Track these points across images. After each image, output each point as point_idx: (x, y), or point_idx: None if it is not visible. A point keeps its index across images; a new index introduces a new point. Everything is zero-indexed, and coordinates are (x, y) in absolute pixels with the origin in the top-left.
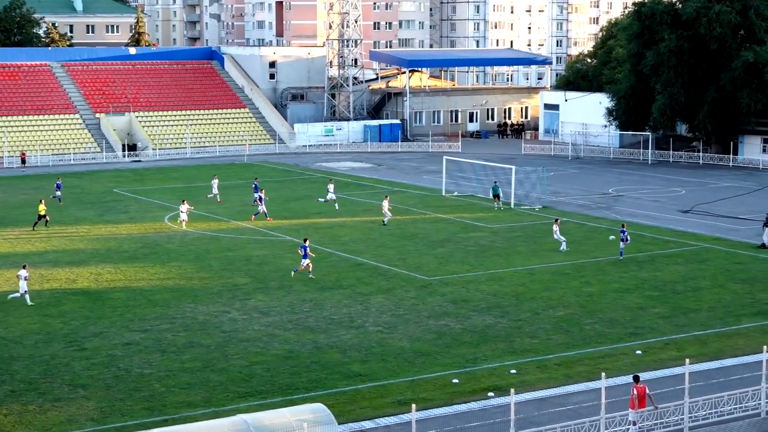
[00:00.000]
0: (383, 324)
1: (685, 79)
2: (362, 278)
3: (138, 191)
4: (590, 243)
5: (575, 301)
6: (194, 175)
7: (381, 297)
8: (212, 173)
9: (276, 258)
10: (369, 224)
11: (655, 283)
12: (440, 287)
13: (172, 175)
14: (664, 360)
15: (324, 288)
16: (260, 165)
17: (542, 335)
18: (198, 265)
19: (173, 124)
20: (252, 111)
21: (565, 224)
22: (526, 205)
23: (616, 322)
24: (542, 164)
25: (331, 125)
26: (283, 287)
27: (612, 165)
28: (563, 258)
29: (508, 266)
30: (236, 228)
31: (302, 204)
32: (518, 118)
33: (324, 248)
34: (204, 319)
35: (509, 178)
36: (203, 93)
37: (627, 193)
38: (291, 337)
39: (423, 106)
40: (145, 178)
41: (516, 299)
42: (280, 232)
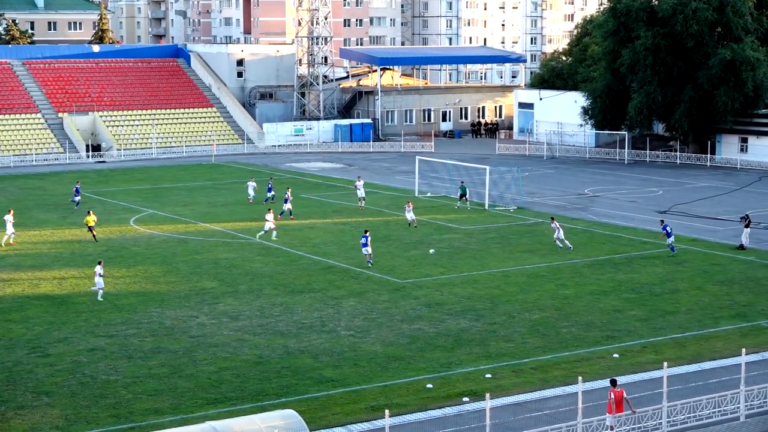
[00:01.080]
0: (355, 328)
1: (662, 78)
2: (334, 281)
3: (102, 193)
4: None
5: (551, 304)
6: (160, 176)
7: (353, 300)
8: (173, 174)
9: (245, 261)
10: (340, 226)
11: (632, 285)
12: (413, 290)
13: (137, 176)
14: (641, 363)
15: (294, 291)
16: (228, 165)
17: (518, 339)
18: (165, 268)
19: (138, 124)
20: (219, 110)
21: (540, 225)
22: (501, 206)
23: (593, 325)
24: (517, 164)
25: (301, 125)
26: (252, 291)
27: (588, 165)
28: (538, 260)
29: (483, 268)
30: (204, 230)
31: (270, 205)
32: (492, 117)
33: (294, 251)
34: (171, 324)
35: (483, 178)
36: (169, 92)
37: (603, 193)
38: (261, 342)
39: (395, 105)
40: (110, 179)
41: (491, 302)
42: (250, 234)
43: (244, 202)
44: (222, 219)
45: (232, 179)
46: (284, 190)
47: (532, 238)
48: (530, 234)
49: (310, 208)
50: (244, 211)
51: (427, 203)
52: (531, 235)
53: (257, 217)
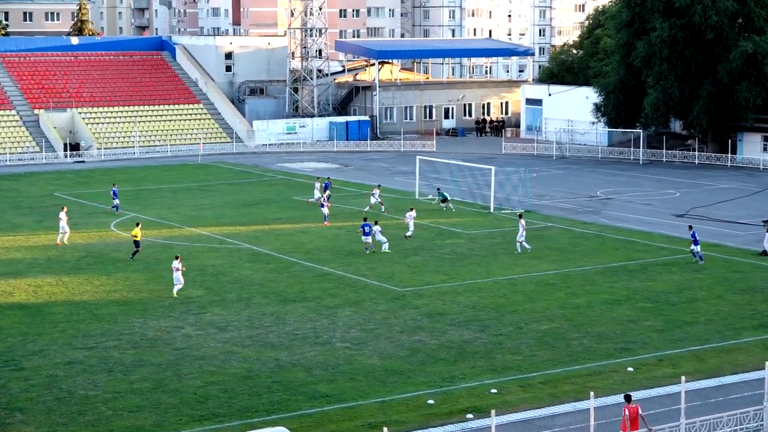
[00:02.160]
0: (351, 340)
1: (679, 72)
2: (328, 290)
3: (81, 195)
4: (577, 250)
5: (561, 314)
6: (143, 176)
7: (349, 310)
8: (162, 174)
9: (234, 268)
10: (335, 230)
11: (647, 293)
12: (414, 299)
13: (118, 177)
14: (658, 377)
15: (286, 300)
16: (216, 166)
17: (525, 351)
18: (148, 275)
19: (120, 121)
20: (206, 106)
21: (549, 230)
22: (507, 209)
23: (606, 337)
24: (524, 164)
25: (294, 122)
26: (241, 300)
27: (600, 165)
28: (547, 267)
29: (488, 276)
30: (190, 235)
31: (261, 209)
32: (498, 114)
33: (286, 257)
34: (154, 335)
35: (488, 179)
36: (153, 87)
37: (616, 195)
38: (250, 355)
39: (394, 102)
40: (90, 180)
41: (496, 312)
42: (238, 239)
43: (232, 205)
44: (209, 223)
45: (220, 180)
46: (238, 192)
47: (541, 243)
48: (538, 239)
49: (303, 212)
50: (233, 214)
51: (428, 206)
52: (539, 240)
53: (247, 220)
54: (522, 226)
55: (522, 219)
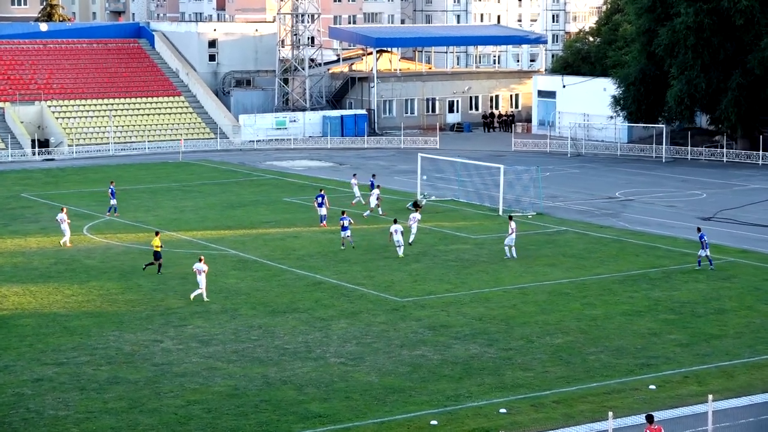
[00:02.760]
0: (347, 355)
1: (706, 62)
2: (321, 300)
3: (51, 196)
4: (594, 257)
5: (576, 327)
6: (119, 176)
7: (344, 322)
8: (145, 173)
9: (218, 276)
10: (329, 235)
11: (671, 304)
12: (415, 310)
13: (92, 177)
14: (682, 396)
15: (276, 312)
16: (198, 164)
17: (537, 367)
18: (124, 284)
19: (93, 116)
20: (188, 99)
21: (564, 235)
22: (518, 212)
23: (626, 352)
24: (536, 163)
25: (284, 116)
26: (226, 311)
27: (619, 163)
28: (562, 274)
29: (496, 285)
30: (170, 240)
31: (249, 211)
32: (507, 107)
33: (275, 264)
34: (131, 350)
35: (497, 179)
36: (129, 78)
37: (637, 197)
38: (236, 371)
39: (393, 94)
40: (60, 180)
41: (506, 324)
42: (223, 244)
43: (217, 207)
44: (191, 226)
45: (203, 180)
46: (223, 193)
47: (554, 248)
48: (552, 244)
49: (294, 214)
50: (217, 217)
51: (431, 208)
52: (553, 245)
53: (233, 224)
54: (512, 229)
55: (512, 221)
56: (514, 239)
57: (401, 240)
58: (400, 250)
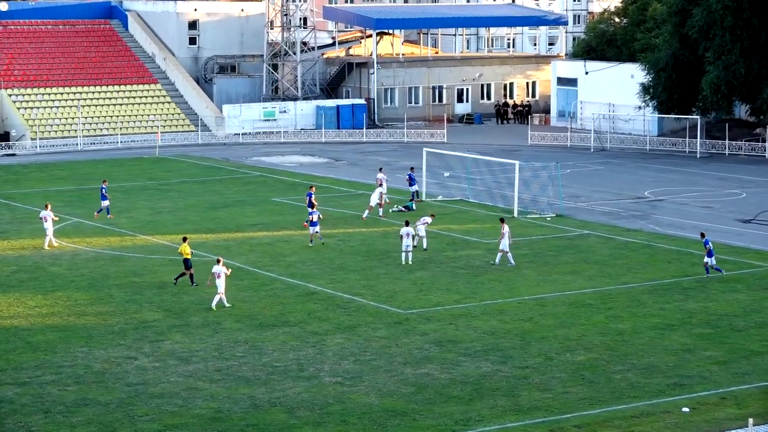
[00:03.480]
0: (343, 373)
1: (745, 45)
2: (315, 312)
3: (12, 195)
4: (620, 264)
5: (600, 342)
6: (88, 173)
7: (340, 337)
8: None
9: (198, 285)
10: (324, 238)
11: (706, 317)
12: (420, 324)
13: (58, 174)
14: (719, 420)
15: (264, 325)
16: (177, 160)
17: (557, 387)
18: (94, 294)
19: (59, 106)
20: (165, 87)
21: (586, 239)
22: (535, 213)
23: (656, 370)
24: (555, 159)
25: (273, 107)
26: (208, 324)
27: (648, 159)
28: (584, 283)
29: (511, 295)
30: (146, 245)
31: (233, 213)
32: (523, 97)
33: (263, 272)
34: (102, 368)
35: (511, 177)
36: (99, 63)
37: (669, 196)
38: (220, 392)
39: (396, 81)
40: (22, 177)
41: (521, 339)
42: (204, 250)
43: (197, 208)
44: (168, 230)
45: (182, 178)
46: (204, 193)
47: (576, 255)
48: (573, 250)
49: (284, 216)
50: (198, 219)
51: (437, 209)
52: (574, 251)
53: (216, 227)
54: (505, 233)
55: (505, 224)
56: (507, 244)
57: (411, 246)
58: (405, 256)
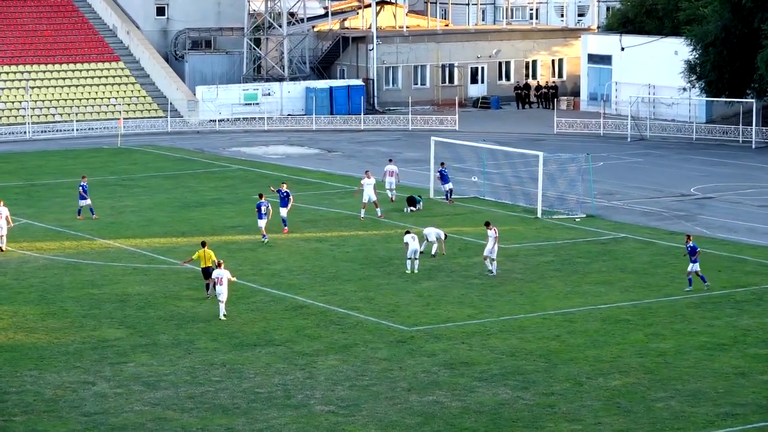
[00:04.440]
0: (338, 401)
1: None
2: (304, 329)
3: None
4: (662, 273)
5: (639, 364)
6: (38, 166)
7: (334, 358)
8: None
9: (168, 298)
10: (314, 243)
11: (763, 334)
12: (427, 343)
13: (2, 167)
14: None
15: (244, 345)
16: (143, 150)
17: (588, 417)
18: (45, 308)
19: (4, 87)
20: (129, 66)
21: (622, 243)
22: (562, 214)
23: (704, 397)
24: (586, 149)
25: (255, 89)
26: (179, 344)
27: (695, 150)
28: (619, 296)
29: (534, 309)
30: (104, 250)
31: (209, 213)
32: (548, 77)
33: (244, 282)
34: (54, 395)
35: (534, 171)
36: (52, 38)
37: (719, 194)
38: (192, 423)
39: (399, 59)
40: None
41: (546, 361)
42: (175, 256)
43: (167, 207)
44: (133, 232)
45: (149, 172)
46: (175, 189)
47: (610, 262)
48: (606, 256)
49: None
50: (167, 220)
51: (448, 209)
52: (608, 257)
53: (188, 229)
54: (493, 237)
55: (492, 228)
56: (496, 251)
57: (418, 251)
58: (411, 264)
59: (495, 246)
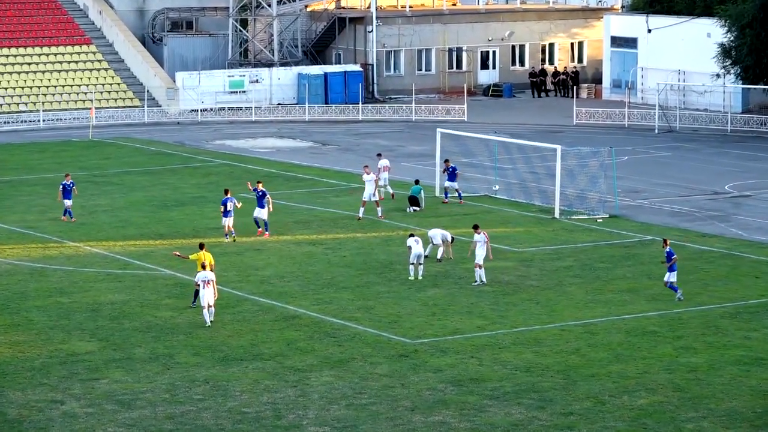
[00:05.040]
0: (333, 421)
1: None
2: (296, 341)
3: None
4: (693, 279)
5: (667, 381)
6: (2, 161)
7: (329, 374)
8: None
9: (145, 307)
10: (307, 247)
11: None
12: (432, 357)
13: None
14: None
15: (229, 359)
16: (117, 144)
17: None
18: (8, 319)
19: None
20: (102, 50)
21: (649, 247)
22: (582, 214)
23: (740, 417)
24: (609, 143)
25: (242, 75)
26: (156, 358)
27: (730, 143)
28: (646, 305)
29: (551, 319)
30: (74, 254)
31: (190, 213)
32: (567, 62)
33: (229, 290)
34: (18, 415)
35: (551, 166)
36: (16, 19)
37: (757, 192)
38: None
39: (401, 42)
40: None
41: (565, 377)
42: (152, 261)
43: (143, 206)
44: (106, 235)
45: (123, 168)
46: (153, 186)
47: (635, 267)
48: (631, 261)
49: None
50: (144, 221)
51: (456, 208)
52: (633, 262)
53: (167, 231)
54: (482, 243)
55: (480, 231)
56: (483, 256)
57: (422, 255)
58: (414, 270)
59: (482, 252)
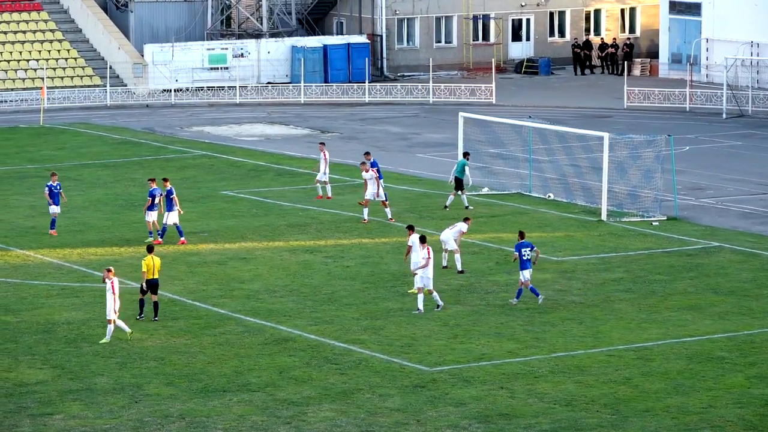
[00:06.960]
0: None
1: None
2: (290, 369)
3: None
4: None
5: (738, 417)
6: None
7: (330, 409)
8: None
9: (106, 327)
10: (304, 254)
11: None
12: (454, 388)
13: None
14: None
15: (209, 390)
16: (74, 130)
17: None
18: None
19: None
20: (56, 18)
21: (715, 255)
22: (634, 216)
23: None
24: (666, 130)
25: (224, 48)
26: (122, 388)
27: None
28: (711, 325)
29: (597, 343)
30: (22, 263)
31: (160, 214)
32: (615, 32)
33: (209, 306)
34: None
35: (598, 157)
36: None
37: None
38: None
39: (415, 9)
40: None
41: (613, 411)
42: (116, 272)
43: (105, 206)
44: (60, 240)
45: (82, 159)
46: (117, 183)
47: (699, 280)
48: (694, 272)
49: (241, 219)
50: (106, 224)
51: (482, 209)
52: (695, 273)
53: (134, 236)
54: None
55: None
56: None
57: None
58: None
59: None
